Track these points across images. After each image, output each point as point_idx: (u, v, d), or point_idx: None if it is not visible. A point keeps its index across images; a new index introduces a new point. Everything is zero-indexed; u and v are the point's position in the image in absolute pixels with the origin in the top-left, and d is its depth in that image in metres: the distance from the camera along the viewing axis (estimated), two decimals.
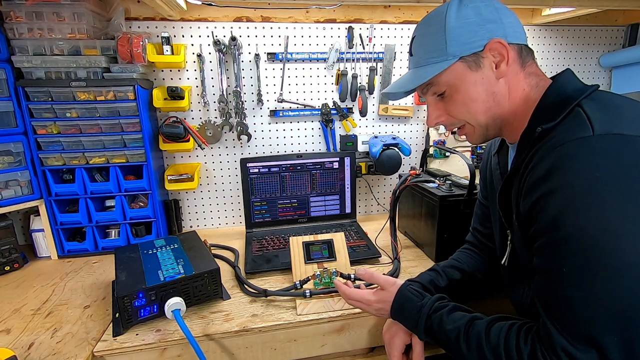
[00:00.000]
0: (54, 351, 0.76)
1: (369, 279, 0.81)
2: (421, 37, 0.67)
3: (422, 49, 0.67)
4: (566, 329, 0.50)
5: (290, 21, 1.34)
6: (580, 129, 0.51)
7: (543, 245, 0.53)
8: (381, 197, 1.58)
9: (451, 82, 0.64)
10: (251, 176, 1.32)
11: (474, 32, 0.62)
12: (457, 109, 0.66)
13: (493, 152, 0.81)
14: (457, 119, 0.68)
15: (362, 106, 1.43)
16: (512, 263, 0.73)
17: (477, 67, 0.63)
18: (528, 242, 0.59)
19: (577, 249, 0.49)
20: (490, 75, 0.63)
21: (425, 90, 0.68)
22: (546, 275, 0.54)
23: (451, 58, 0.62)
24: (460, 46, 0.62)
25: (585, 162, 0.49)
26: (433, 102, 0.69)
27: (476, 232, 0.91)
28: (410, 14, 1.41)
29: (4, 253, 1.12)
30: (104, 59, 1.13)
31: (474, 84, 0.63)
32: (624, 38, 1.60)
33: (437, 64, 0.64)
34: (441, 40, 0.63)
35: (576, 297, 0.49)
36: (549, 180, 0.52)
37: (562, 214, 0.50)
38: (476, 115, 0.65)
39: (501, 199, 0.69)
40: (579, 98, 0.56)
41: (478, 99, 0.64)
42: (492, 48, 0.62)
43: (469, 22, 0.62)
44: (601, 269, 0.47)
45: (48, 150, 1.14)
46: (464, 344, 0.61)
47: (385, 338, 0.78)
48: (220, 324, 0.84)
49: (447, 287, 0.82)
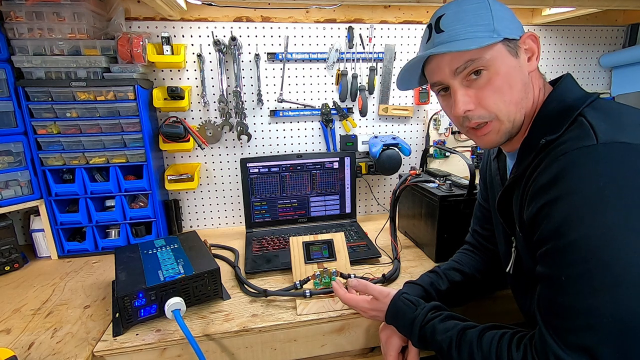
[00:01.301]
0: (54, 351, 0.76)
1: (364, 290, 0.81)
2: (457, 13, 0.60)
3: (461, 24, 0.59)
4: (562, 337, 0.50)
5: (290, 21, 1.34)
6: (585, 138, 0.51)
7: (545, 253, 0.53)
8: (381, 197, 1.58)
9: (493, 62, 0.59)
10: (251, 176, 1.32)
11: (512, 20, 0.61)
12: (491, 97, 0.60)
13: (492, 156, 0.80)
14: (488, 109, 0.61)
15: (362, 106, 1.43)
16: (517, 271, 0.73)
17: (516, 54, 0.60)
18: (532, 249, 0.58)
19: (579, 257, 0.48)
20: (525, 66, 0.61)
21: (462, 68, 0.60)
22: (547, 282, 0.53)
23: (497, 36, 0.58)
24: (504, 27, 0.59)
25: (590, 170, 0.49)
26: (462, 89, 0.61)
27: (476, 233, 0.91)
28: (410, 14, 1.41)
29: (4, 253, 1.11)
30: (104, 59, 1.13)
31: (514, 70, 0.60)
32: (624, 38, 1.60)
33: (484, 38, 0.57)
34: (486, 16, 0.58)
35: (575, 305, 0.49)
36: (553, 187, 0.51)
37: (565, 222, 0.50)
38: (509, 105, 0.60)
39: (500, 208, 0.68)
40: (581, 107, 0.56)
41: (515, 87, 0.60)
42: (527, 41, 0.61)
43: (506, 9, 0.61)
44: (602, 278, 0.47)
45: (48, 150, 1.14)
46: (455, 352, 0.61)
47: (382, 338, 0.78)
48: (220, 324, 0.84)
49: (448, 289, 0.82)
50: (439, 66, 0.63)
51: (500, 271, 0.83)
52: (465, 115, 0.62)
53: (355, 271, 1.01)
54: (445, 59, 0.61)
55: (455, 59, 0.60)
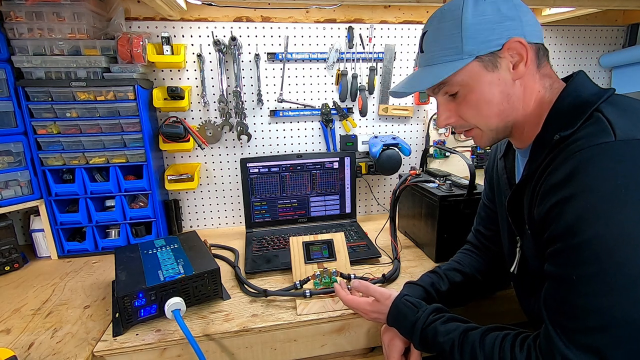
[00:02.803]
0: (54, 351, 0.76)
1: (365, 291, 0.80)
2: (434, 32, 0.62)
3: (435, 46, 0.62)
4: (570, 336, 0.49)
5: (290, 21, 1.34)
6: (602, 134, 0.49)
7: (557, 251, 0.52)
8: (381, 197, 1.58)
9: (465, 83, 0.61)
10: (251, 176, 1.32)
11: (492, 29, 0.58)
12: (468, 111, 0.63)
13: (499, 156, 0.79)
14: (468, 122, 0.64)
15: (362, 106, 1.43)
16: (521, 271, 0.72)
17: (493, 68, 0.59)
18: (540, 249, 0.57)
19: (593, 257, 0.47)
20: (507, 77, 0.60)
21: (437, 90, 0.64)
22: (557, 282, 0.52)
23: (467, 57, 0.59)
24: (476, 45, 0.58)
25: (608, 167, 0.47)
26: (444, 102, 0.65)
27: (478, 233, 0.90)
28: (410, 14, 1.41)
29: (4, 253, 1.11)
30: (104, 59, 1.13)
31: (490, 85, 0.60)
32: (624, 38, 1.60)
33: (452, 62, 0.60)
34: (456, 38, 0.59)
35: (586, 306, 0.48)
36: (568, 184, 0.50)
37: (580, 220, 0.48)
38: (488, 118, 0.62)
39: (511, 206, 0.67)
40: (597, 102, 0.54)
41: (492, 101, 0.61)
42: (511, 48, 0.58)
43: (486, 19, 0.58)
44: (617, 279, 0.46)
45: (48, 150, 1.14)
46: (458, 354, 0.61)
47: (384, 340, 0.78)
48: (220, 324, 0.84)
49: (448, 289, 0.82)
50: None
51: (501, 272, 0.83)
52: (448, 125, 0.67)
53: (355, 271, 1.01)
54: None
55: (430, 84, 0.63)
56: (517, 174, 0.73)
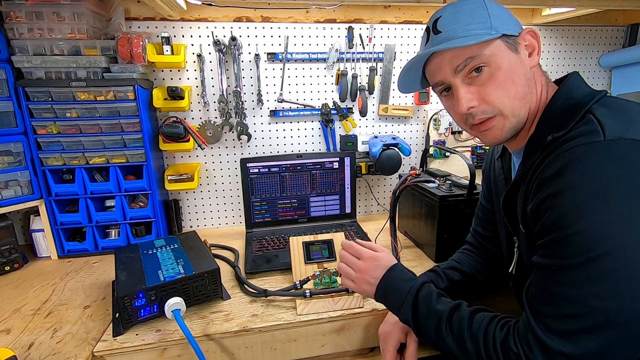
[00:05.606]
0: (54, 351, 0.76)
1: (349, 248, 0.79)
2: (454, 14, 0.61)
3: (458, 24, 0.60)
4: (546, 323, 0.51)
5: (290, 21, 1.34)
6: (592, 134, 0.51)
7: (544, 244, 0.53)
8: (381, 197, 1.58)
9: (493, 58, 0.59)
10: (251, 176, 1.32)
11: (509, 17, 0.62)
12: (495, 92, 0.59)
13: (496, 156, 0.80)
14: (492, 105, 0.60)
15: (362, 106, 1.43)
16: (520, 272, 0.73)
17: (515, 50, 0.61)
18: (533, 246, 0.58)
19: (575, 250, 0.49)
20: (527, 62, 0.61)
21: (462, 66, 0.60)
22: (540, 271, 0.54)
23: (495, 32, 0.58)
24: (502, 24, 0.59)
25: (595, 166, 0.49)
26: (465, 86, 0.61)
27: (476, 234, 0.90)
28: (410, 14, 1.41)
29: (4, 253, 1.12)
30: (104, 59, 1.13)
31: (515, 65, 0.60)
32: (624, 38, 1.60)
33: (481, 35, 0.58)
34: (483, 14, 0.59)
35: (565, 294, 0.50)
36: (557, 180, 0.51)
37: (567, 215, 0.50)
38: (514, 100, 0.60)
39: (505, 205, 0.68)
40: (589, 104, 0.56)
41: (518, 82, 0.60)
42: (526, 37, 0.62)
43: (503, 8, 0.62)
44: (596, 271, 0.47)
45: (48, 150, 1.14)
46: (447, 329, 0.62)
47: (381, 335, 0.79)
48: (220, 324, 0.84)
49: (447, 288, 0.82)
50: (439, 66, 0.63)
51: (500, 272, 0.84)
52: (469, 112, 0.62)
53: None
54: (446, 58, 0.61)
55: (455, 57, 0.60)
56: (513, 174, 0.74)
